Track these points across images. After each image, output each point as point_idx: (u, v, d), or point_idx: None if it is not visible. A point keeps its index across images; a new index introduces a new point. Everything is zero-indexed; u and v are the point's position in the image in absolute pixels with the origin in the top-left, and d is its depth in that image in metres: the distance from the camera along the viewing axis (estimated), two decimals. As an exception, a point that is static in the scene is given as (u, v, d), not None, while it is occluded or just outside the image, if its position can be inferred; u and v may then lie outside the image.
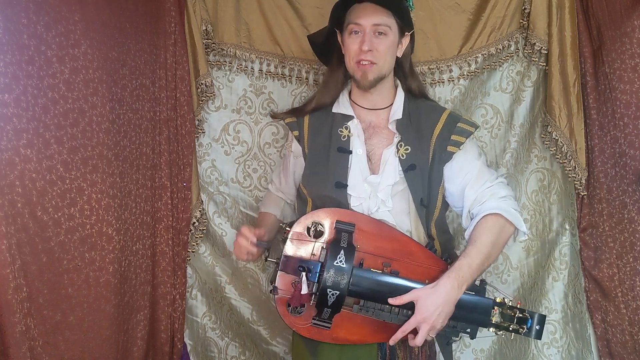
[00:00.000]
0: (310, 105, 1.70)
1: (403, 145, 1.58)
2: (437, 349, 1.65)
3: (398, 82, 1.69)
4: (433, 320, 1.39)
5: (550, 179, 1.95)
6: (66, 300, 1.41)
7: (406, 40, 1.64)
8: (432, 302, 1.39)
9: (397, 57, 1.62)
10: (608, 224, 1.81)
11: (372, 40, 1.53)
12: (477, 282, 1.52)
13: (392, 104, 1.65)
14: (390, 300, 1.43)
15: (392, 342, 1.45)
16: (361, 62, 1.54)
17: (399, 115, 1.62)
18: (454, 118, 1.63)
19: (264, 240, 1.59)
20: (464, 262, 1.45)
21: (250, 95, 2.03)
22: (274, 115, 1.91)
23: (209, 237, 2.06)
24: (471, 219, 1.57)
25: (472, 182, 1.57)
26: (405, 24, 1.60)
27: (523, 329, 1.46)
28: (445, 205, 1.65)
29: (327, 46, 1.72)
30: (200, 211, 1.97)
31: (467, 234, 1.55)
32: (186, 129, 1.89)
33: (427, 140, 1.60)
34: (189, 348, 2.05)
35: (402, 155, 1.57)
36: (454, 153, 1.58)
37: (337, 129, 1.64)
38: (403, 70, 1.69)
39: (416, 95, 1.69)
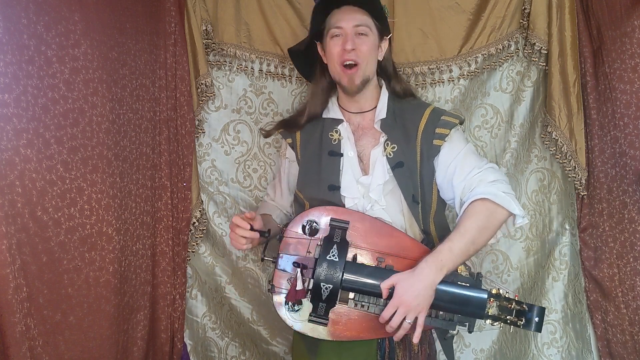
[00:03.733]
0: (303, 119, 1.72)
1: (390, 144, 1.60)
2: (438, 347, 1.65)
3: (382, 82, 1.71)
4: (409, 303, 1.38)
5: (550, 179, 1.95)
6: (66, 300, 1.41)
7: (385, 45, 1.68)
8: (410, 285, 1.39)
9: (379, 60, 1.66)
10: (608, 224, 1.81)
11: (354, 40, 1.57)
12: (474, 276, 1.51)
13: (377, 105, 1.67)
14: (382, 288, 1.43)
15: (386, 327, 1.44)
16: (345, 64, 1.57)
17: (384, 115, 1.64)
18: (438, 112, 1.64)
19: (258, 227, 1.56)
20: (444, 246, 1.44)
21: (250, 95, 2.03)
22: (267, 135, 1.88)
23: (209, 237, 2.06)
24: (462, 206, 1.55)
25: (459, 171, 1.56)
26: (383, 27, 1.64)
27: (521, 321, 1.44)
28: (443, 201, 1.65)
29: (308, 58, 1.75)
30: (200, 211, 1.98)
31: (456, 222, 1.54)
32: (186, 129, 1.89)
33: (413, 137, 1.60)
34: (189, 348, 2.05)
35: (390, 154, 1.59)
36: (440, 146, 1.58)
37: (328, 133, 1.67)
38: (387, 73, 1.72)
39: (401, 96, 1.71)
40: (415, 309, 1.39)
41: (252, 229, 1.54)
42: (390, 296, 1.43)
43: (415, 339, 1.42)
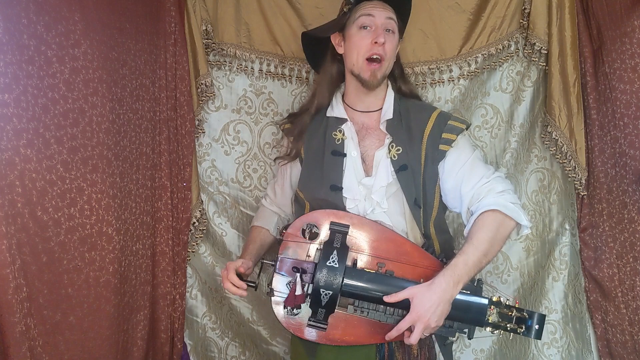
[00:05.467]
0: (310, 113, 1.71)
1: (394, 146, 1.59)
2: (437, 349, 1.65)
3: (388, 82, 1.71)
4: (428, 318, 1.38)
5: (550, 179, 1.95)
6: (66, 300, 1.41)
7: (399, 45, 1.70)
8: (428, 300, 1.38)
9: None
10: (608, 224, 1.81)
11: (385, 35, 1.57)
12: (474, 282, 1.51)
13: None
14: (386, 298, 1.43)
15: (387, 338, 1.46)
16: (372, 58, 1.57)
17: (390, 115, 1.63)
18: (445, 116, 1.64)
19: (249, 278, 1.64)
20: (459, 260, 1.43)
21: (250, 95, 2.03)
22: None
23: (209, 237, 2.06)
24: (471, 216, 1.55)
25: (467, 179, 1.56)
26: (403, 28, 1.68)
27: (522, 328, 1.44)
28: (444, 205, 1.65)
29: (318, 46, 1.74)
30: (200, 211, 1.98)
31: (466, 232, 1.54)
32: (186, 129, 1.89)
33: (418, 141, 1.60)
34: (189, 348, 2.05)
35: (394, 156, 1.58)
36: (446, 151, 1.58)
37: (331, 132, 1.66)
38: (394, 72, 1.72)
39: (407, 96, 1.71)
40: (432, 324, 1.39)
41: (241, 278, 1.60)
42: (401, 306, 1.42)
43: (413, 342, 1.43)
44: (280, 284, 1.54)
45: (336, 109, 1.69)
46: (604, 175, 1.80)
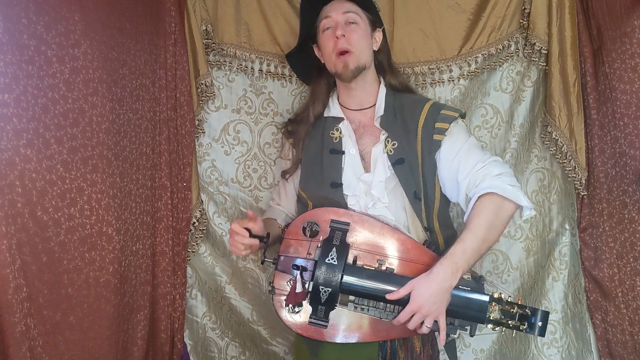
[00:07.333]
0: (309, 122, 1.72)
1: (390, 141, 1.60)
2: (440, 347, 1.65)
3: (381, 78, 1.72)
4: (427, 307, 1.38)
5: (550, 179, 1.95)
6: (66, 300, 1.41)
7: (379, 36, 1.70)
8: (427, 290, 1.38)
9: (375, 52, 1.68)
10: (608, 224, 1.81)
11: (344, 28, 1.60)
12: (477, 280, 1.51)
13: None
14: (388, 296, 1.42)
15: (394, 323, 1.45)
16: (339, 52, 1.59)
17: (382, 112, 1.64)
18: (437, 107, 1.63)
19: (257, 232, 1.54)
20: (457, 248, 1.42)
21: (250, 95, 2.03)
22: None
23: (209, 237, 2.06)
24: (469, 202, 1.52)
25: (463, 166, 1.54)
26: (375, 18, 1.68)
27: (524, 325, 1.43)
28: (446, 198, 1.63)
29: (305, 61, 1.78)
30: (200, 211, 1.98)
31: (465, 219, 1.51)
32: (186, 129, 1.89)
33: (413, 133, 1.60)
34: (189, 348, 2.05)
35: (390, 151, 1.59)
36: (440, 141, 1.57)
37: (329, 131, 1.67)
38: (382, 66, 1.73)
39: (399, 90, 1.71)
40: (433, 313, 1.39)
41: (251, 234, 1.52)
42: (402, 302, 1.42)
43: (442, 342, 1.42)
44: (281, 282, 1.55)
45: (333, 109, 1.71)
46: (604, 175, 1.80)
